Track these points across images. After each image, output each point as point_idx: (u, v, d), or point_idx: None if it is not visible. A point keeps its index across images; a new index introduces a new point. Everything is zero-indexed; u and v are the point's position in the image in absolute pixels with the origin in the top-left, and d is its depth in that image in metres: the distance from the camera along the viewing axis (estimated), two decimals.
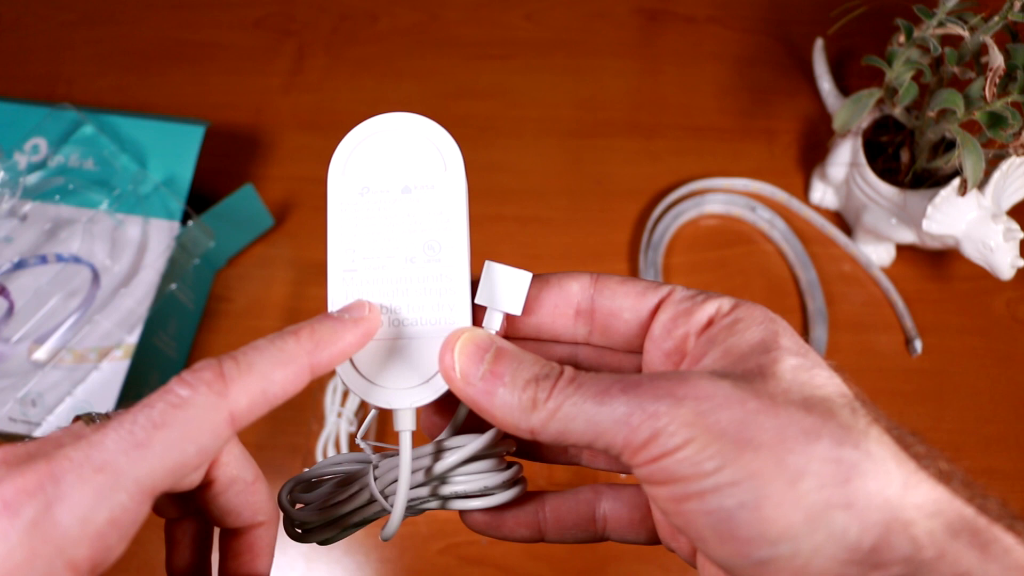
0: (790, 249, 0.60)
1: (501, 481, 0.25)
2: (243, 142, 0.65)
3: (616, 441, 0.19)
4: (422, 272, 0.24)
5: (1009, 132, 0.46)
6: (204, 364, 0.20)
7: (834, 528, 0.17)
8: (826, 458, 0.18)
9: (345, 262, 0.25)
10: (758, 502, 0.18)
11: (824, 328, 0.56)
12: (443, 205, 0.24)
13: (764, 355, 0.21)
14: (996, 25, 0.46)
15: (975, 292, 0.58)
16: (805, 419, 0.19)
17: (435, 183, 0.24)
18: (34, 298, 0.52)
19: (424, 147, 0.25)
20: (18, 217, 0.55)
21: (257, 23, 0.72)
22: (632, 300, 0.24)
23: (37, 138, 0.58)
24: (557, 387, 0.21)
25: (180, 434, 0.19)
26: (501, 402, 0.21)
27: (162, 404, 0.19)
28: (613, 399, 0.20)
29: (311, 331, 0.22)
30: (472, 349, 0.22)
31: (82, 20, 0.72)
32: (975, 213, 0.49)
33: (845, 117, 0.54)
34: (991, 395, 0.55)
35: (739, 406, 0.19)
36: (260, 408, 0.20)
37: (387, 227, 0.25)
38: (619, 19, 0.72)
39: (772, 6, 0.73)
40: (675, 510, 0.19)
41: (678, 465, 0.19)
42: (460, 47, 0.70)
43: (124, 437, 0.18)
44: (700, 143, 0.65)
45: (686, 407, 0.19)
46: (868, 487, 0.18)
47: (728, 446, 0.18)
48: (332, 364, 0.22)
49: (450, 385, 0.22)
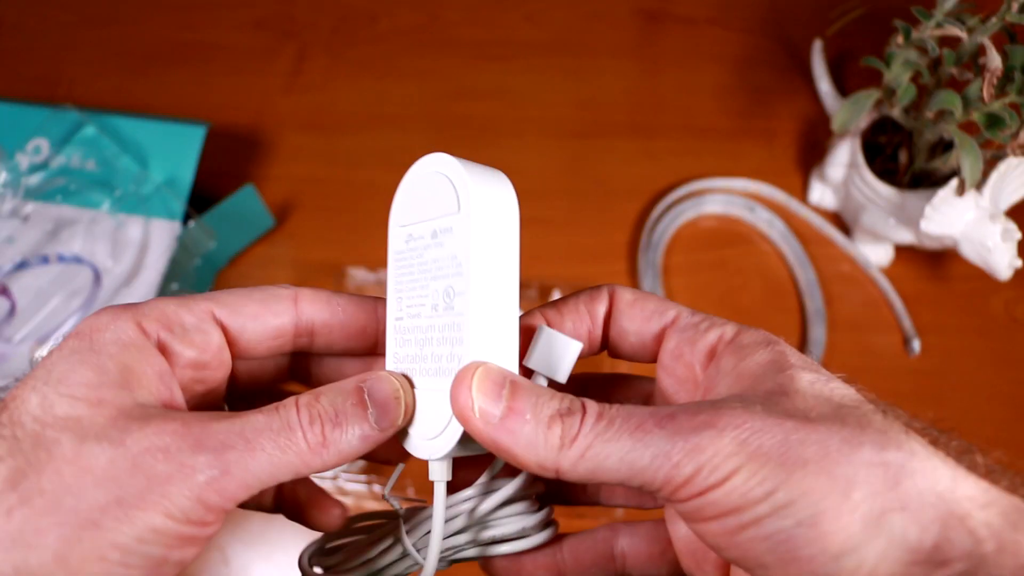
0: (789, 249, 0.60)
1: (537, 522, 0.25)
2: (244, 142, 0.66)
3: (656, 478, 0.19)
4: (441, 320, 0.23)
5: (1007, 133, 0.46)
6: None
7: (893, 532, 0.17)
8: (872, 463, 0.18)
9: (396, 311, 0.25)
10: (815, 518, 0.18)
11: (823, 328, 0.56)
12: (457, 249, 0.22)
13: (779, 374, 0.21)
14: (994, 26, 0.46)
15: (973, 292, 0.59)
16: (842, 430, 0.19)
17: (452, 226, 0.23)
18: (36, 298, 0.52)
19: (447, 189, 0.23)
20: (20, 218, 0.55)
21: (257, 24, 0.72)
22: (637, 324, 0.25)
23: (39, 139, 0.58)
24: (585, 423, 0.20)
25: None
26: (526, 442, 0.20)
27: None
28: (648, 434, 0.19)
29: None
30: (488, 386, 0.21)
31: (84, 21, 0.73)
32: (973, 213, 0.49)
33: (844, 118, 0.54)
34: (989, 395, 0.55)
35: (777, 428, 0.19)
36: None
37: (421, 274, 0.24)
38: (619, 20, 0.73)
39: (771, 7, 0.73)
40: (730, 543, 0.19)
41: (728, 496, 0.18)
42: (460, 48, 0.71)
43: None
44: (699, 144, 0.66)
45: (727, 437, 0.18)
46: (919, 486, 0.18)
47: (776, 469, 0.18)
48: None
49: (467, 427, 0.21)
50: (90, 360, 0.20)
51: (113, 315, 0.21)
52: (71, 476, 0.18)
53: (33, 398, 0.20)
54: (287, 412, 0.21)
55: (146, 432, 0.19)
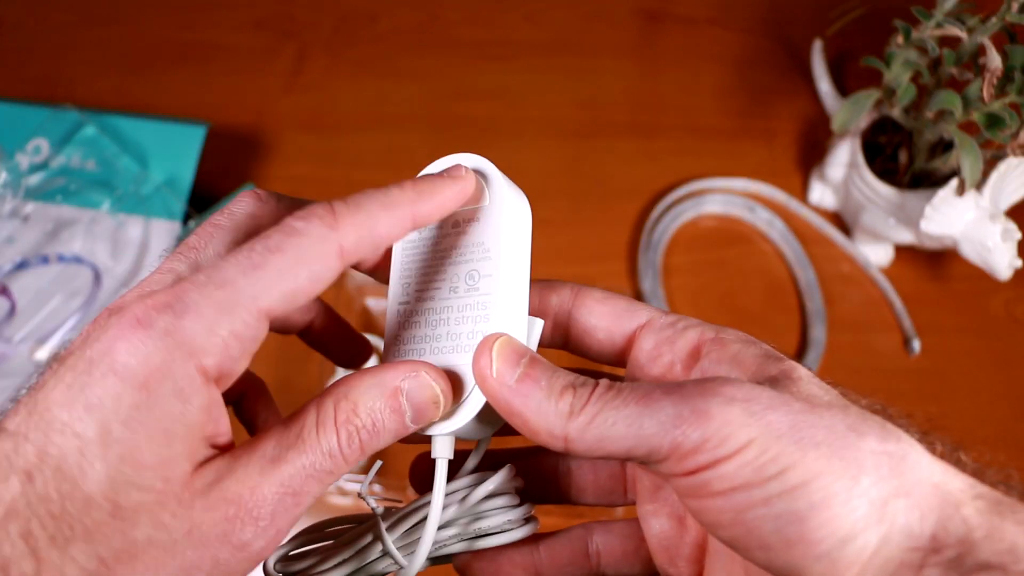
0: (789, 249, 0.60)
1: (521, 516, 0.25)
2: (244, 143, 0.66)
3: (662, 445, 0.19)
4: (462, 301, 0.24)
5: (1007, 133, 0.46)
6: (317, 204, 0.21)
7: (896, 518, 0.18)
8: (877, 451, 0.18)
9: (400, 296, 0.25)
10: (826, 501, 0.18)
11: (823, 328, 0.57)
12: (484, 236, 0.24)
13: (779, 363, 0.21)
14: (994, 26, 0.46)
15: (973, 292, 0.59)
16: (847, 418, 0.19)
17: (479, 216, 0.24)
18: (36, 298, 0.52)
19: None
20: (20, 218, 0.55)
21: (258, 24, 0.72)
22: (607, 321, 0.25)
23: (39, 139, 0.58)
24: (595, 393, 0.20)
25: (293, 260, 0.19)
26: (537, 406, 0.20)
27: (278, 234, 0.20)
28: (656, 401, 0.19)
29: (414, 183, 0.22)
30: (509, 352, 0.21)
31: (83, 21, 0.73)
32: (973, 213, 0.49)
33: (844, 118, 0.55)
34: (989, 395, 0.55)
35: (786, 407, 0.19)
36: (366, 246, 0.21)
37: (436, 261, 0.25)
38: (619, 20, 0.73)
39: (771, 7, 0.73)
40: (734, 520, 0.19)
41: (739, 471, 0.18)
42: (460, 48, 0.71)
43: (242, 261, 0.19)
44: (699, 144, 0.66)
45: (737, 407, 0.18)
46: (918, 476, 0.18)
47: (790, 447, 0.18)
48: (431, 216, 0.22)
49: (483, 387, 0.21)
50: (154, 428, 0.18)
51: (167, 353, 0.18)
52: (151, 570, 0.18)
53: (95, 473, 0.17)
54: (328, 442, 0.20)
55: (209, 519, 0.19)
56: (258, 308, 0.19)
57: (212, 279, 0.19)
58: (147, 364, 0.18)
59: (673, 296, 0.58)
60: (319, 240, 0.20)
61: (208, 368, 0.19)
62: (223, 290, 0.19)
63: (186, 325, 0.18)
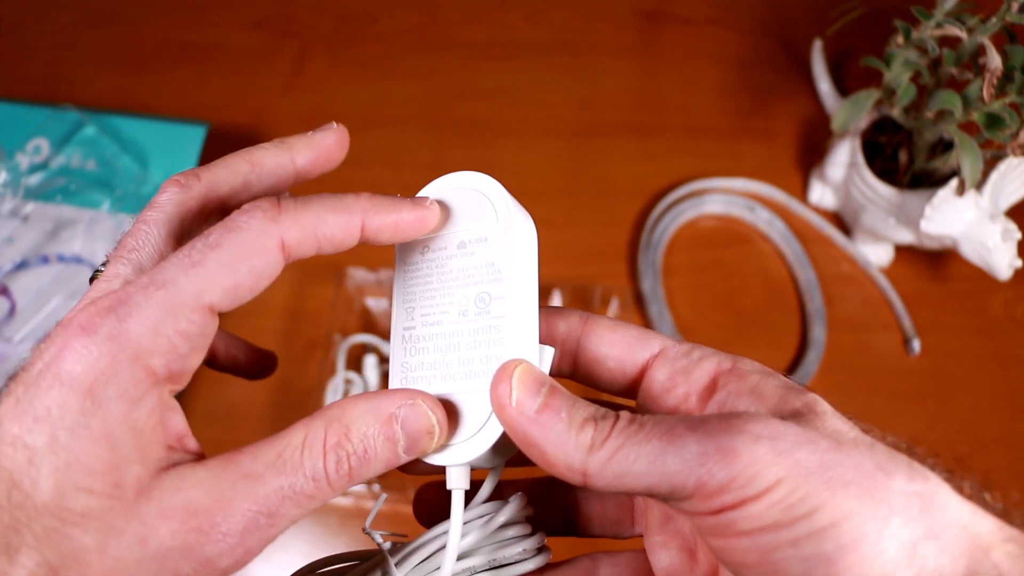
0: (789, 249, 0.60)
1: (535, 546, 0.24)
2: (244, 143, 0.65)
3: (687, 483, 0.18)
4: (473, 325, 0.23)
5: (1007, 133, 0.46)
6: (264, 198, 0.21)
7: (927, 561, 0.17)
8: (906, 492, 0.18)
9: (404, 321, 0.25)
10: (856, 542, 0.17)
11: (823, 328, 0.57)
12: (494, 256, 0.23)
13: (801, 396, 0.20)
14: (994, 26, 0.46)
15: (973, 292, 0.59)
16: (874, 456, 0.18)
17: (487, 235, 0.24)
18: (36, 298, 0.52)
19: (479, 202, 0.24)
20: (20, 218, 0.55)
21: (258, 24, 0.72)
22: (618, 350, 0.24)
23: (39, 139, 0.58)
24: (617, 426, 0.19)
25: (233, 254, 0.20)
26: (556, 438, 0.20)
27: (219, 230, 0.20)
28: (680, 437, 0.18)
29: (371, 195, 0.22)
30: (529, 380, 0.20)
31: (83, 21, 0.73)
32: (973, 213, 0.49)
33: (844, 118, 0.55)
34: (989, 395, 0.55)
35: (813, 445, 0.18)
36: (310, 243, 0.21)
37: (443, 283, 0.24)
38: (618, 20, 0.73)
39: (771, 7, 0.73)
40: (760, 561, 0.18)
41: (768, 511, 0.17)
42: (460, 48, 0.71)
43: (183, 259, 0.20)
44: (699, 144, 0.66)
45: (764, 445, 0.18)
46: (948, 517, 0.18)
47: (819, 486, 0.17)
48: (383, 232, 0.22)
49: (501, 416, 0.20)
50: (99, 432, 0.18)
51: (112, 357, 0.18)
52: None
53: (44, 481, 0.18)
54: (314, 464, 0.20)
55: (167, 528, 0.18)
56: (202, 305, 0.19)
57: (154, 280, 0.19)
58: (93, 370, 0.18)
59: (673, 296, 0.58)
60: (259, 234, 0.20)
61: (156, 369, 0.19)
62: (165, 290, 0.19)
63: (130, 328, 0.19)
